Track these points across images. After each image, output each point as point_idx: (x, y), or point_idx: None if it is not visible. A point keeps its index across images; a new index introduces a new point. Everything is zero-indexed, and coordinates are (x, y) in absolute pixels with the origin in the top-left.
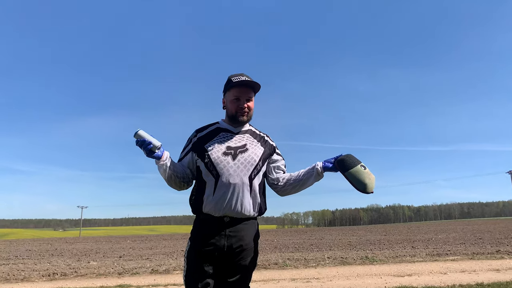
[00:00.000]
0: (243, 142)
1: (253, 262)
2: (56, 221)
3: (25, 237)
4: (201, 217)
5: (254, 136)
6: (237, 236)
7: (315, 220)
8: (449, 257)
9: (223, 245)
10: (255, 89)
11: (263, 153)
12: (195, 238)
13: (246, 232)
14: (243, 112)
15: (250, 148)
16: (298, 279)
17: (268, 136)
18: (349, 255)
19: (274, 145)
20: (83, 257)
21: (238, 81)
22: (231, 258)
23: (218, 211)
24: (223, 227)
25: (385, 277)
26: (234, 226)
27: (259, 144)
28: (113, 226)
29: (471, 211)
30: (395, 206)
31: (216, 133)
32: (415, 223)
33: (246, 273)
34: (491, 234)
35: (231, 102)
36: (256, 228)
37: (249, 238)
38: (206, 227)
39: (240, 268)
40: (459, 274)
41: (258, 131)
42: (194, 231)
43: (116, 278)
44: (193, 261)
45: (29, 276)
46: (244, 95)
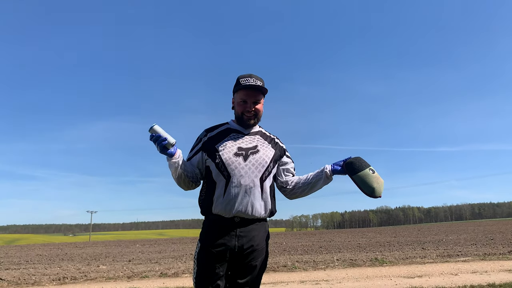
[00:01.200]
0: (254, 144)
1: (264, 263)
2: (66, 226)
3: (36, 242)
4: (211, 218)
5: (265, 138)
6: (248, 236)
7: (324, 222)
8: (460, 258)
9: (234, 245)
10: (264, 91)
11: (274, 155)
12: (205, 239)
13: (256, 232)
14: (250, 115)
15: (261, 149)
16: (307, 281)
17: (278, 138)
18: (359, 257)
19: (284, 147)
20: (92, 261)
21: (245, 84)
22: (242, 259)
23: (229, 212)
24: (233, 228)
25: (395, 279)
26: (245, 226)
27: (270, 146)
28: (122, 231)
29: (482, 211)
30: (404, 207)
31: (226, 134)
32: (425, 225)
33: (257, 274)
34: (502, 235)
35: (238, 104)
36: (267, 229)
37: (260, 238)
38: (217, 227)
39: (250, 269)
40: (470, 275)
41: (268, 133)
42: (204, 232)
43: (126, 281)
44: (203, 263)
45: (39, 281)
46: (251, 98)
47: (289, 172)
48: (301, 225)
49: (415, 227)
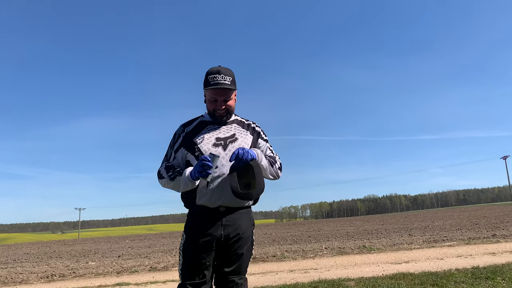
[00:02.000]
0: (232, 132)
1: (250, 250)
2: (54, 224)
3: (23, 241)
4: (196, 209)
5: (242, 126)
6: (234, 225)
7: (313, 212)
8: (445, 243)
9: (220, 234)
10: (234, 87)
11: (253, 140)
12: (190, 230)
13: (242, 221)
14: (222, 112)
15: (240, 137)
16: (296, 270)
17: (254, 123)
18: (347, 245)
19: (259, 130)
20: (81, 258)
21: (214, 83)
22: (228, 247)
23: (213, 203)
24: (219, 217)
25: (382, 265)
26: (229, 215)
27: (248, 132)
28: (111, 227)
29: (467, 197)
30: (392, 196)
31: (203, 126)
32: (412, 212)
33: (243, 262)
34: (487, 220)
35: (209, 102)
36: (252, 217)
37: (246, 227)
38: (202, 218)
39: (237, 257)
40: (455, 259)
41: (245, 120)
42: (189, 224)
43: (115, 277)
44: (189, 254)
45: (27, 279)
46: (221, 97)
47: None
48: (290, 216)
49: (402, 215)
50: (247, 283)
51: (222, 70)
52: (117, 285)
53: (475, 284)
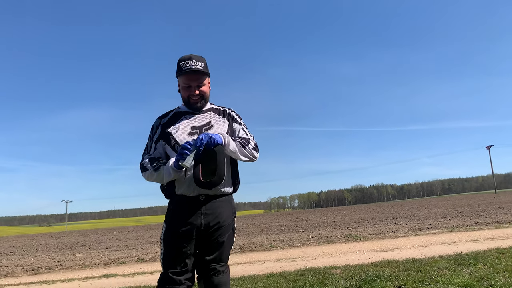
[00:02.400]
0: (207, 120)
1: (231, 238)
2: (41, 217)
3: (9, 234)
4: (176, 199)
5: (218, 113)
6: (214, 213)
7: (301, 203)
8: (430, 231)
9: (200, 223)
10: (207, 72)
11: (228, 126)
12: (171, 220)
13: (222, 209)
14: (196, 99)
15: (216, 124)
16: (283, 259)
17: (230, 109)
18: (334, 234)
19: (233, 114)
20: (68, 250)
21: (186, 69)
22: (209, 236)
23: (192, 191)
24: (199, 206)
25: (368, 253)
26: (210, 204)
27: (224, 119)
28: (99, 219)
29: (452, 187)
30: (378, 185)
31: (178, 117)
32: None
33: (224, 250)
34: (470, 208)
35: (183, 89)
36: (233, 205)
37: (226, 215)
38: (182, 207)
39: (218, 245)
40: (439, 246)
41: (220, 107)
42: (169, 213)
43: (102, 268)
44: (170, 243)
45: (12, 272)
46: (194, 82)
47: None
48: (279, 206)
49: (388, 204)
50: (229, 271)
51: (194, 56)
52: (104, 276)
53: (458, 270)
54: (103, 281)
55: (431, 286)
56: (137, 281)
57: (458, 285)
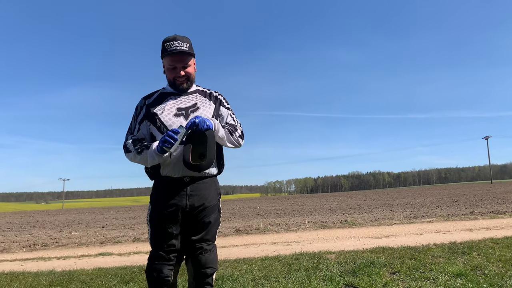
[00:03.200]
0: (193, 102)
1: (217, 219)
2: (38, 194)
3: (6, 211)
4: (160, 180)
5: (204, 95)
6: (199, 195)
7: (297, 187)
8: (425, 219)
9: (185, 204)
10: (192, 53)
11: (215, 109)
12: (156, 201)
13: (207, 190)
14: (182, 80)
15: (202, 106)
16: (278, 243)
17: (217, 92)
18: (329, 219)
19: (221, 98)
20: (65, 228)
21: (171, 50)
22: (194, 217)
23: (177, 172)
24: (183, 187)
25: (363, 239)
26: (195, 185)
27: (210, 101)
28: (96, 198)
29: (448, 176)
30: (375, 172)
31: (163, 98)
32: (395, 189)
33: (210, 230)
34: (466, 197)
35: (168, 70)
36: (217, 186)
37: (211, 196)
38: (167, 189)
39: (203, 225)
40: (434, 234)
41: (207, 89)
42: (154, 194)
43: (98, 247)
44: (156, 224)
45: (8, 248)
46: (179, 63)
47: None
48: (275, 191)
49: (384, 191)
50: (216, 249)
51: (178, 37)
52: (100, 255)
53: (452, 259)
54: (99, 259)
55: (425, 274)
56: (132, 260)
57: (452, 273)
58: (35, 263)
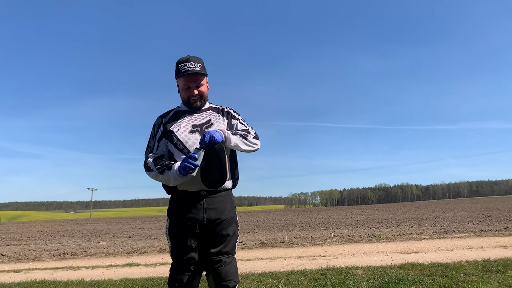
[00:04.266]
0: (207, 118)
1: (235, 231)
2: (67, 203)
3: (37, 219)
4: (177, 194)
5: (217, 111)
6: (215, 208)
7: (323, 199)
8: (456, 234)
9: (203, 218)
10: (202, 71)
11: (228, 124)
12: (174, 215)
13: (223, 204)
14: (195, 99)
15: (215, 122)
16: (304, 257)
17: (228, 107)
18: (356, 233)
19: (231, 111)
20: (93, 237)
21: (184, 71)
22: (212, 230)
23: (193, 186)
24: (200, 201)
25: (391, 254)
26: (211, 198)
27: (224, 117)
28: (123, 208)
29: (480, 189)
30: (403, 185)
31: (179, 116)
32: (423, 202)
33: (228, 243)
34: (499, 212)
35: (182, 90)
36: (233, 199)
37: (227, 209)
38: (184, 203)
39: (222, 238)
40: (466, 250)
41: (219, 106)
42: (171, 208)
43: (125, 257)
44: (175, 238)
45: (40, 256)
46: (193, 83)
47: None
48: (300, 202)
49: (413, 205)
50: (236, 262)
51: (191, 58)
52: (127, 265)
53: (485, 277)
54: (126, 270)
55: None
56: (159, 272)
57: None
58: (65, 272)
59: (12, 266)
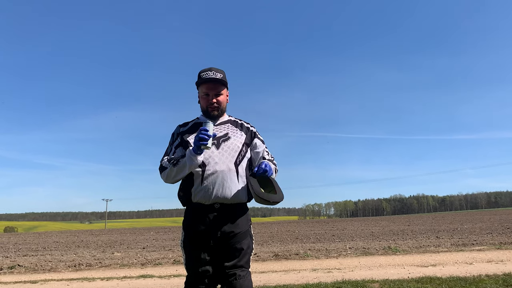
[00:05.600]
0: (225, 132)
1: (249, 245)
2: (82, 214)
3: (53, 230)
4: (192, 206)
5: (235, 125)
6: (230, 221)
7: (337, 211)
8: (475, 247)
9: (216, 231)
10: (224, 83)
11: (245, 139)
12: (188, 227)
13: (238, 217)
14: (213, 107)
15: (232, 136)
16: (319, 269)
17: (248, 123)
18: (372, 245)
19: (254, 130)
20: (107, 248)
21: (205, 77)
22: (226, 243)
23: (208, 199)
24: (214, 214)
25: (408, 267)
26: (225, 212)
27: (242, 132)
28: (137, 218)
29: (499, 200)
30: (419, 196)
31: (197, 127)
32: (440, 213)
33: (244, 256)
34: None
35: (201, 98)
36: (248, 213)
37: (242, 222)
38: (198, 215)
39: (236, 251)
40: (485, 264)
41: (239, 120)
42: (186, 221)
43: (139, 268)
44: (189, 250)
45: (55, 267)
46: (212, 91)
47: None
48: (314, 214)
49: (429, 216)
50: (250, 276)
51: (214, 68)
52: (141, 277)
53: None
54: (140, 281)
55: None
56: (173, 283)
57: None
58: (80, 284)
59: (29, 277)
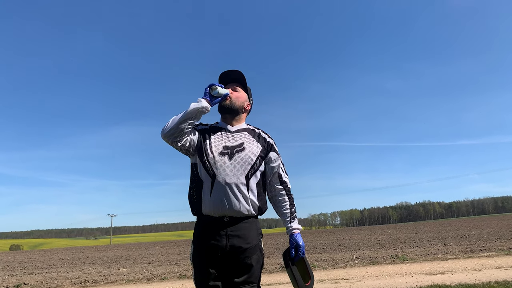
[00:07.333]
0: (241, 141)
1: (259, 260)
2: (87, 230)
3: (59, 246)
4: (202, 219)
5: (252, 135)
6: (239, 235)
7: (343, 220)
8: (483, 253)
9: (225, 245)
10: (241, 80)
11: (261, 151)
12: (197, 241)
13: (247, 231)
14: (228, 102)
15: (247, 147)
16: (326, 280)
17: (266, 133)
18: (379, 254)
19: (272, 142)
20: (113, 264)
21: (224, 73)
22: (235, 258)
23: (217, 212)
24: (223, 227)
25: (416, 276)
26: (234, 225)
27: (258, 143)
28: (142, 233)
29: (506, 205)
30: (425, 203)
31: (215, 131)
32: (447, 220)
33: (253, 272)
34: None
35: None
36: (258, 227)
37: (251, 236)
38: (207, 228)
39: (246, 267)
40: (495, 270)
41: (256, 129)
42: (195, 234)
43: (145, 284)
44: (198, 264)
45: (61, 284)
46: (229, 86)
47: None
48: (319, 224)
49: (436, 223)
50: None
51: (234, 69)
52: None
53: None
54: None
55: None
56: None
57: None
58: None
59: None
